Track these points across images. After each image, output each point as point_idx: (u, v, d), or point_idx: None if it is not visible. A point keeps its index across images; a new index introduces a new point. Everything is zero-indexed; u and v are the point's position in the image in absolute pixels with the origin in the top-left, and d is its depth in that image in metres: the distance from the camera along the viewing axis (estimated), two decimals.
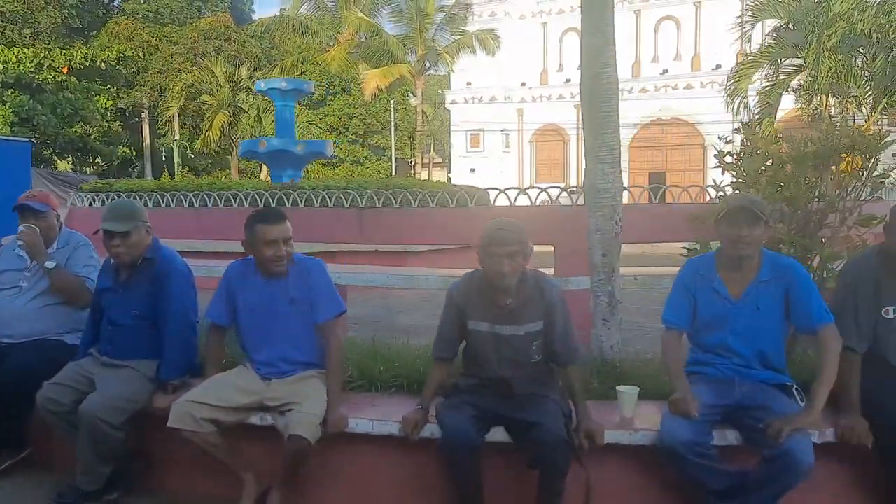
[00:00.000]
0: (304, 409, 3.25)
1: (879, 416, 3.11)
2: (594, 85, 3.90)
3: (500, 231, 3.10)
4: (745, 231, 3.13)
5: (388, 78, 33.27)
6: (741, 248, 3.15)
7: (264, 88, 15.66)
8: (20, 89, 25.32)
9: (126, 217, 3.62)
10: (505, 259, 3.08)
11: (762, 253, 3.28)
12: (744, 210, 3.13)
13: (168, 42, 38.08)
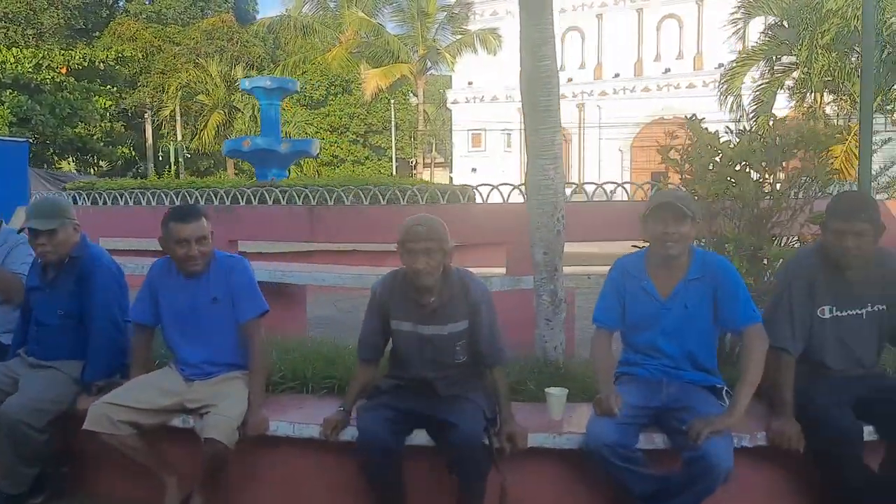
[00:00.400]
0: (220, 411, 3.18)
1: (813, 419, 3.02)
2: (532, 80, 3.81)
3: (416, 227, 3.01)
4: (671, 228, 3.04)
5: (388, 77, 33.25)
6: (668, 245, 3.06)
7: (249, 87, 15.58)
8: (18, 89, 25.38)
9: (52, 215, 3.55)
10: (420, 255, 2.99)
11: (692, 251, 3.19)
12: (669, 206, 3.05)
13: (171, 42, 38.24)
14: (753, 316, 3.08)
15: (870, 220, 3.05)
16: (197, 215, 3.32)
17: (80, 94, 27.56)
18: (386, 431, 2.98)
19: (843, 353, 3.23)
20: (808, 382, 3.15)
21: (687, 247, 3.13)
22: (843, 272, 3.18)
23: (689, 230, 3.08)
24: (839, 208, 3.14)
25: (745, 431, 3.08)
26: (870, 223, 3.04)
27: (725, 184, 3.90)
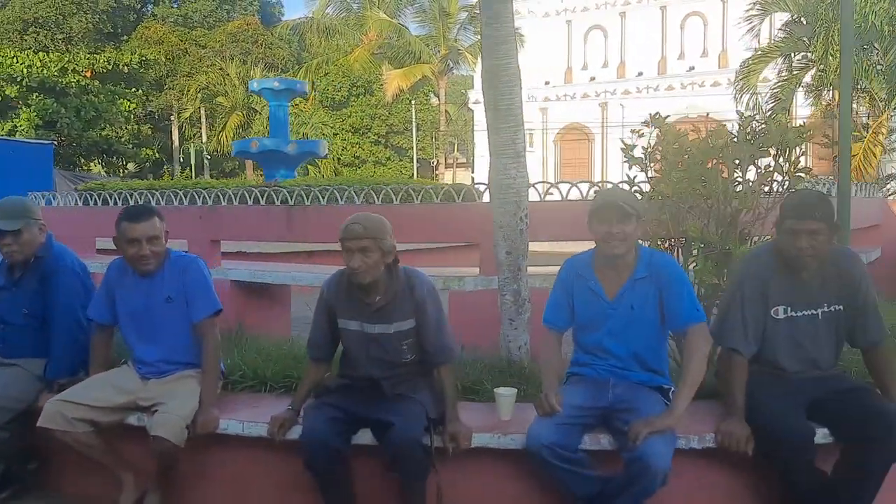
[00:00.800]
0: (169, 409, 3.21)
1: (761, 421, 2.97)
2: (493, 78, 3.80)
3: (353, 225, 3.01)
4: (615, 228, 3.01)
5: (410, 78, 33.30)
6: (612, 245, 3.03)
7: (257, 89, 15.71)
8: (45, 93, 25.89)
9: (17, 215, 3.61)
10: (356, 253, 2.98)
11: (638, 250, 3.16)
12: (612, 206, 3.02)
13: (196, 45, 38.68)
14: (697, 315, 3.04)
15: (824, 218, 2.99)
16: (149, 215, 3.35)
17: (104, 97, 28.02)
18: (329, 430, 2.99)
19: (797, 355, 3.17)
20: (760, 384, 3.11)
21: (632, 246, 3.10)
22: (797, 272, 3.13)
23: (633, 229, 3.05)
24: (792, 207, 3.08)
25: (694, 433, 3.05)
26: (824, 222, 2.99)
27: (692, 182, 3.84)
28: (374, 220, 3.06)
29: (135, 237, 3.29)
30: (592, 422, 3.05)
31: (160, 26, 38.65)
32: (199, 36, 39.74)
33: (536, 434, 2.90)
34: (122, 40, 38.74)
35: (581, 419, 3.00)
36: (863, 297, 3.13)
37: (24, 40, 34.09)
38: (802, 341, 3.16)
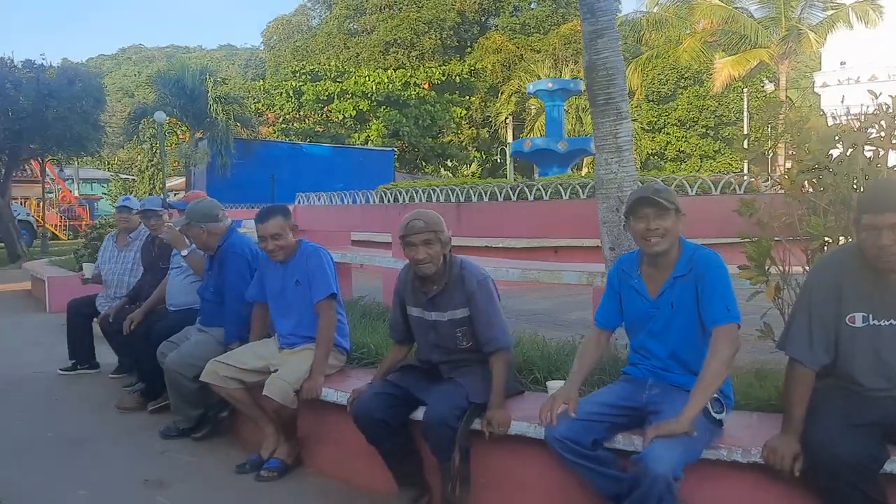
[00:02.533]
0: (279, 375, 3.84)
1: (811, 439, 2.66)
2: (591, 72, 3.81)
3: (414, 221, 3.32)
4: (652, 224, 2.90)
5: (742, 65, 31.19)
6: (652, 242, 2.93)
7: (533, 90, 16.16)
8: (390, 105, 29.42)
9: (200, 218, 4.58)
10: (420, 247, 3.30)
11: (682, 246, 2.99)
12: (648, 202, 2.91)
13: (531, 50, 40.59)
14: (726, 316, 2.81)
15: None
16: (273, 215, 4.02)
17: (440, 106, 30.93)
18: (376, 404, 3.34)
19: (880, 370, 2.73)
20: (825, 398, 2.77)
21: (674, 242, 2.96)
22: (884, 275, 2.71)
23: (672, 224, 2.92)
24: (869, 199, 2.68)
25: (744, 445, 2.83)
26: None
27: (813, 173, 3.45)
28: (432, 215, 3.35)
29: (262, 234, 4.00)
30: (625, 421, 2.97)
31: (499, 36, 41.26)
32: (535, 42, 41.63)
33: (550, 427, 2.93)
34: (466, 53, 42.18)
35: (610, 417, 2.95)
36: None
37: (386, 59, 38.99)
38: (886, 355, 2.72)
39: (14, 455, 4.37)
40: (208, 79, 24.62)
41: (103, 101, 19.64)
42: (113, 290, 6.19)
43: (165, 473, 4.06)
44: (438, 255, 3.33)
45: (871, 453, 2.57)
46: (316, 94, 30.71)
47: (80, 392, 5.86)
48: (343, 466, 3.92)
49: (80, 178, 50.02)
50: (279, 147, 27.26)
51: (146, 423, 4.94)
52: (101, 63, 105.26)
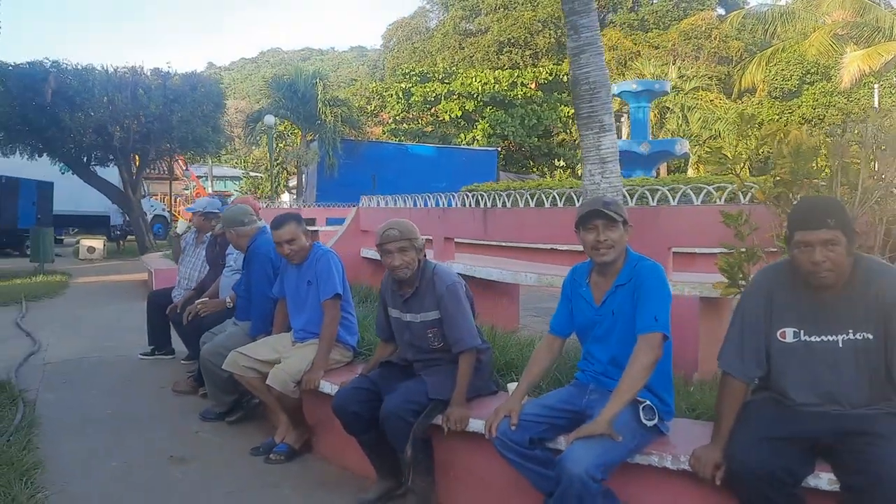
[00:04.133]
0: (282, 366, 4.19)
1: (729, 450, 2.73)
2: (574, 86, 3.93)
3: (389, 231, 3.59)
4: (601, 235, 3.03)
5: (874, 59, 29.13)
6: (600, 253, 3.05)
7: (617, 92, 15.82)
8: (496, 106, 29.61)
9: (228, 222, 5.04)
10: (396, 254, 3.56)
11: (627, 256, 3.09)
12: (598, 214, 3.04)
13: (649, 47, 39.67)
14: (652, 325, 2.90)
15: (839, 225, 2.58)
16: (287, 222, 4.38)
17: (547, 105, 30.82)
18: (350, 398, 3.64)
19: (809, 385, 2.75)
20: (752, 410, 2.83)
21: (621, 253, 3.07)
22: (816, 291, 2.73)
23: (620, 236, 3.04)
24: (800, 216, 2.71)
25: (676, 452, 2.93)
26: (839, 229, 2.58)
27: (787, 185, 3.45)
28: (406, 224, 3.61)
29: (277, 240, 4.38)
30: (564, 423, 3.10)
31: (615, 33, 40.55)
32: (653, 38, 40.65)
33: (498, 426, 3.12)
34: None
35: (548, 419, 3.09)
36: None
37: (500, 59, 39.22)
38: (818, 372, 2.73)
39: (72, 429, 4.95)
40: (318, 82, 25.74)
41: (222, 106, 20.96)
42: (186, 282, 6.78)
43: (191, 451, 4.51)
44: (413, 261, 3.58)
45: (787, 467, 2.60)
46: (424, 95, 31.37)
47: (151, 375, 6.48)
48: (341, 454, 4.24)
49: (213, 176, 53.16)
50: (385, 147, 28.09)
51: (193, 405, 5.44)
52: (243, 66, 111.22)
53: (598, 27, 3.91)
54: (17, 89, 16.92)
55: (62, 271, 15.59)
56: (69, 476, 4.09)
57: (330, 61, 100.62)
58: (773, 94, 33.50)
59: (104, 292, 12.79)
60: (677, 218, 4.40)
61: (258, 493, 3.91)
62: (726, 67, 38.51)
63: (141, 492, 3.90)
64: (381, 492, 3.71)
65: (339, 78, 76.27)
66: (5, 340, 8.08)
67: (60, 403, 5.57)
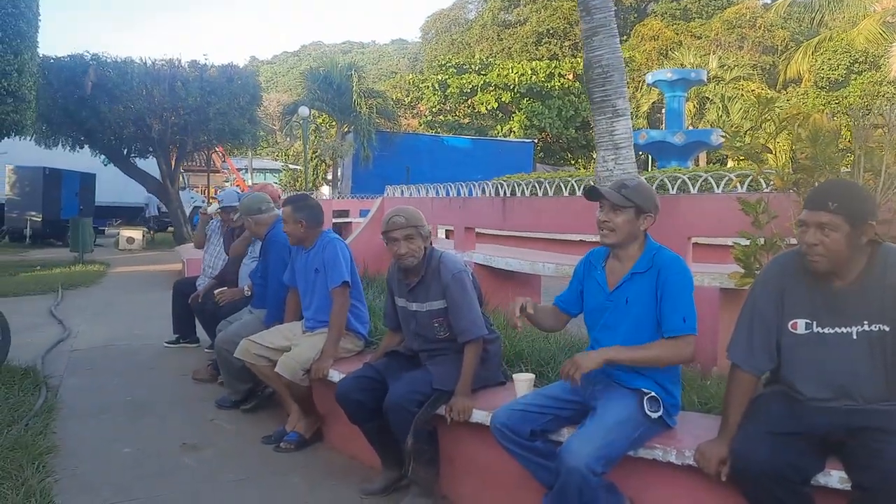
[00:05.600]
0: (290, 354, 4.17)
1: (735, 445, 2.63)
2: (587, 69, 3.83)
3: (395, 217, 3.53)
4: (602, 216, 2.95)
5: None
6: (602, 234, 2.97)
7: (652, 81, 15.51)
8: (532, 97, 29.35)
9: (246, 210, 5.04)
10: (402, 241, 3.51)
11: (646, 244, 2.99)
12: (593, 192, 2.96)
13: (691, 36, 39.00)
14: (681, 327, 2.81)
15: (841, 210, 2.45)
16: (285, 205, 4.38)
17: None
18: (353, 386, 3.60)
19: (821, 379, 2.63)
20: (762, 404, 2.71)
21: (626, 239, 2.97)
22: (829, 280, 2.61)
23: (625, 221, 2.93)
24: (812, 194, 2.60)
25: (681, 447, 2.83)
26: (841, 215, 2.45)
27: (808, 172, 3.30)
28: (411, 212, 3.55)
29: (283, 219, 4.36)
30: (570, 414, 3.02)
31: (657, 22, 39.96)
32: (696, 27, 39.97)
33: (494, 415, 3.05)
34: (622, 40, 41.20)
35: (554, 409, 3.01)
36: None
37: (538, 50, 38.91)
38: (831, 365, 2.61)
39: (90, 414, 5.01)
40: (353, 74, 25.80)
41: (258, 98, 21.11)
42: (210, 271, 6.82)
43: (203, 439, 4.52)
44: (419, 249, 3.51)
45: (793, 464, 2.48)
46: (460, 86, 31.25)
47: (174, 363, 6.53)
48: (350, 443, 4.20)
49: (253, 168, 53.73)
50: (420, 139, 28.05)
51: (211, 393, 5.47)
52: (285, 60, 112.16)
53: (612, 8, 3.79)
54: (59, 82, 17.22)
55: (101, 261, 15.88)
56: (81, 461, 4.12)
57: (371, 54, 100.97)
58: (819, 84, 32.68)
59: (139, 282, 12.99)
60: (697, 207, 4.27)
61: (265, 481, 3.90)
62: (771, 57, 37.70)
63: (149, 478, 3.91)
64: (386, 482, 3.67)
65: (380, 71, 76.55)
66: (38, 327, 8.23)
67: (82, 389, 5.64)
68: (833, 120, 3.25)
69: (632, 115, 24.04)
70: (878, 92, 30.99)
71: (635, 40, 39.27)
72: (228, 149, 25.64)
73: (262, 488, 3.80)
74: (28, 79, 12.67)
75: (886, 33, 31.13)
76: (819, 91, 32.63)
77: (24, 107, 12.74)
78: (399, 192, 8.95)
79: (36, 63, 13.49)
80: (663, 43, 38.17)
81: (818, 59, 32.78)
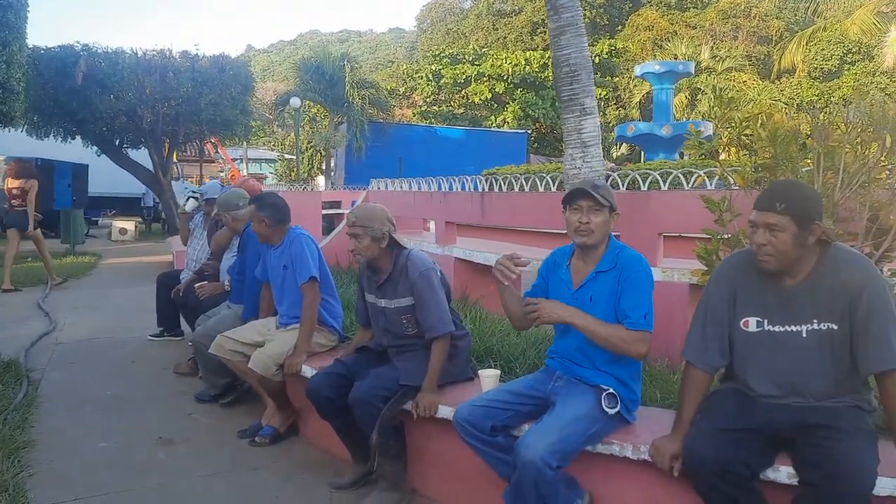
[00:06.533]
0: (263, 349, 4.21)
1: (686, 440, 2.67)
2: (555, 68, 3.85)
3: (349, 214, 3.58)
4: (584, 217, 2.98)
5: None
6: (581, 235, 3.00)
7: (640, 73, 15.50)
8: (526, 88, 29.30)
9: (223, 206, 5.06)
10: (350, 238, 3.55)
11: (610, 243, 3.03)
12: (584, 194, 2.99)
13: (686, 26, 38.88)
14: (641, 323, 2.86)
15: (789, 211, 2.50)
16: (251, 203, 4.41)
17: None
18: (323, 382, 3.64)
19: (771, 376, 2.68)
20: (714, 401, 2.77)
21: (603, 238, 3.01)
22: (781, 279, 2.66)
23: (604, 221, 2.98)
24: (761, 195, 2.64)
25: (637, 442, 2.88)
26: (789, 215, 2.50)
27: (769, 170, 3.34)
28: (365, 210, 3.59)
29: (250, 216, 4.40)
30: (530, 409, 3.06)
31: (651, 13, 39.82)
32: (691, 17, 39.84)
33: (456, 411, 3.10)
34: (617, 31, 41.08)
35: (514, 405, 3.06)
36: (863, 314, 2.50)
37: (534, 40, 38.79)
38: (781, 362, 2.65)
39: (70, 408, 5.05)
40: (346, 64, 25.73)
41: (251, 88, 21.02)
42: (194, 264, 6.84)
43: (180, 433, 4.56)
44: (368, 248, 3.55)
45: (743, 459, 2.53)
46: (454, 77, 31.20)
47: (156, 356, 6.57)
48: (324, 437, 4.23)
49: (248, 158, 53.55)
50: (413, 130, 28.01)
51: (191, 387, 5.51)
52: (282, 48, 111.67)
53: (580, 7, 3.81)
54: (49, 73, 17.16)
55: (93, 252, 15.89)
56: (57, 455, 4.17)
57: (368, 43, 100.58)
58: (812, 74, 32.65)
59: (130, 273, 13.01)
60: (666, 203, 4.31)
61: (238, 474, 3.95)
62: (766, 47, 37.65)
63: (123, 472, 3.95)
64: (355, 477, 3.72)
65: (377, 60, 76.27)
66: (25, 320, 8.26)
67: (64, 383, 5.68)
68: (793, 119, 3.28)
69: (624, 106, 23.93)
70: (871, 82, 30.97)
71: (630, 30, 39.14)
72: (222, 139, 25.59)
73: (233, 482, 3.85)
74: (17, 70, 12.63)
75: (880, 23, 31.14)
76: (812, 81, 32.60)
77: (12, 98, 12.70)
78: (384, 186, 8.95)
79: (25, 54, 13.44)
80: (658, 33, 38.01)
81: (812, 49, 32.78)
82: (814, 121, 3.28)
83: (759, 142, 3.31)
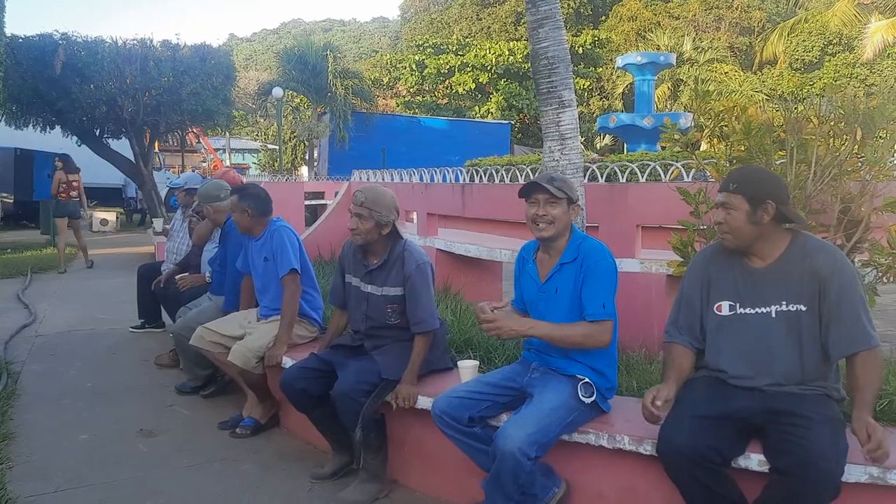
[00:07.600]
0: (243, 342, 4.21)
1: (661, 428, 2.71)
2: (533, 60, 3.87)
3: (358, 193, 3.56)
4: (541, 210, 3.01)
5: None
6: (539, 227, 3.03)
7: (622, 64, 15.56)
8: (510, 78, 29.28)
9: (204, 198, 5.05)
10: (353, 217, 3.54)
11: (573, 234, 3.07)
12: (539, 188, 3.02)
13: (669, 17, 39.00)
14: (601, 312, 2.89)
15: (742, 191, 2.62)
16: (233, 193, 4.42)
17: None
18: (298, 375, 3.65)
19: (742, 357, 2.73)
20: (689, 386, 2.81)
21: (562, 230, 3.04)
22: (750, 262, 2.73)
23: (562, 213, 3.00)
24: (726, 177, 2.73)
25: (614, 431, 2.92)
26: (741, 195, 2.62)
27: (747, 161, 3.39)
28: (375, 194, 3.56)
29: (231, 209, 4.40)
30: (507, 400, 3.10)
31: (635, 3, 39.88)
32: (674, 8, 39.95)
33: (434, 402, 3.13)
34: (600, 21, 41.12)
35: (491, 396, 3.09)
36: (833, 299, 2.56)
37: (518, 30, 38.75)
38: (751, 342, 2.71)
39: (50, 400, 5.03)
40: (329, 54, 25.59)
41: (233, 78, 20.87)
42: (174, 257, 6.82)
43: (160, 425, 4.57)
44: (368, 231, 3.53)
45: (715, 447, 2.57)
46: (437, 67, 31.13)
47: (137, 348, 6.56)
48: (305, 429, 4.24)
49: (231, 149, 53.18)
50: (396, 120, 27.95)
51: (172, 379, 5.51)
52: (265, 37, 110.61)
53: (558, 0, 3.83)
54: (28, 62, 16.95)
55: (73, 244, 15.74)
56: (37, 447, 4.16)
57: (352, 32, 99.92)
58: (793, 65, 32.87)
59: (111, 265, 12.94)
60: (644, 195, 4.35)
61: (218, 465, 3.96)
62: (748, 38, 37.84)
63: (103, 464, 3.95)
64: (336, 467, 3.75)
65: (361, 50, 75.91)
66: (4, 312, 8.21)
67: (44, 375, 5.65)
68: (767, 111, 3.33)
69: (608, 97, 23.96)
70: (852, 73, 31.23)
71: (613, 21, 39.20)
72: (204, 129, 25.44)
73: (214, 474, 3.86)
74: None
75: (860, 14, 31.29)
76: (794, 73, 32.84)
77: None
78: (367, 177, 8.95)
79: (3, 42, 13.29)
80: (641, 24, 38.11)
81: (793, 40, 32.95)
82: (787, 114, 3.32)
83: (734, 134, 3.35)
